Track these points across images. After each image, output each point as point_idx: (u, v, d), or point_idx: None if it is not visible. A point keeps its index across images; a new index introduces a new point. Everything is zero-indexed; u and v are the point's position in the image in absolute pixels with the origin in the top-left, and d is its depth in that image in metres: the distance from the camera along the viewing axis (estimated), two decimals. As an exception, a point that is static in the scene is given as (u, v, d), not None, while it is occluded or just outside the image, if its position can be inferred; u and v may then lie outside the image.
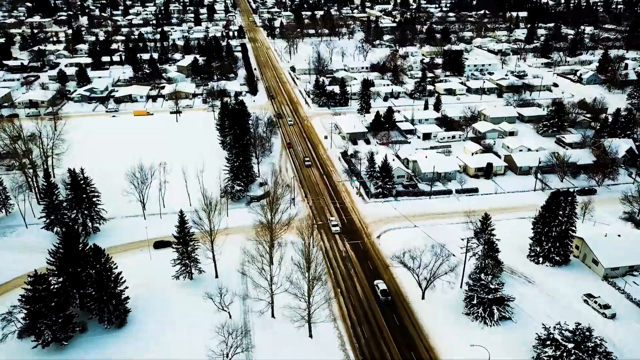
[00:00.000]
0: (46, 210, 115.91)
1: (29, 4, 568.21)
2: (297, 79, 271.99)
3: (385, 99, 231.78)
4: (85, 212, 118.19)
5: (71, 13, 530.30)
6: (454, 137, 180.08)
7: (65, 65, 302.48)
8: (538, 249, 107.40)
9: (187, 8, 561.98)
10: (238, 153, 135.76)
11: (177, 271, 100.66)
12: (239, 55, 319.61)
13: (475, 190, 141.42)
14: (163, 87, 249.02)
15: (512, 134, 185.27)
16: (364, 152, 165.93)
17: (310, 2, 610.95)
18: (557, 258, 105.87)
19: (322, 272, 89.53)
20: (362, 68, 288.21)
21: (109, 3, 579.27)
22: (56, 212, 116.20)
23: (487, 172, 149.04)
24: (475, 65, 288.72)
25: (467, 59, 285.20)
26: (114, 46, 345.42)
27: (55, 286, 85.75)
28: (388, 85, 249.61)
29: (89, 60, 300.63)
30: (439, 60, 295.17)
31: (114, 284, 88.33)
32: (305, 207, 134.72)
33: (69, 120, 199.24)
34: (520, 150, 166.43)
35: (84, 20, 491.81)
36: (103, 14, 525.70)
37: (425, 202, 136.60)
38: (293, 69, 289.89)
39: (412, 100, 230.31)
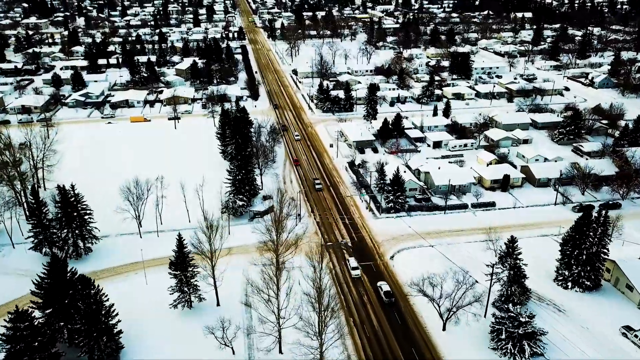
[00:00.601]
0: (34, 230, 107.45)
1: (25, 5, 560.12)
2: (300, 82, 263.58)
3: (392, 104, 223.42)
4: (77, 231, 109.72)
5: (68, 14, 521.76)
6: (465, 145, 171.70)
7: (61, 69, 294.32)
8: (566, 273, 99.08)
9: (186, 9, 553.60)
10: (240, 166, 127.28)
11: (175, 300, 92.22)
12: (239, 57, 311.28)
13: (492, 205, 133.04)
14: (161, 92, 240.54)
15: (526, 141, 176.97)
16: (372, 161, 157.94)
17: (311, 2, 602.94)
18: (588, 283, 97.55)
19: (335, 304, 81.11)
20: (367, 71, 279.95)
21: (106, 4, 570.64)
22: (45, 232, 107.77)
23: (503, 184, 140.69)
24: (482, 68, 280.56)
25: (473, 61, 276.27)
26: (111, 48, 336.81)
27: (40, 320, 77.48)
28: (394, 89, 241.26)
29: (85, 63, 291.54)
30: (445, 63, 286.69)
31: (106, 318, 79.93)
32: (313, 223, 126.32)
33: (63, 127, 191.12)
34: (537, 160, 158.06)
35: (80, 22, 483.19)
36: (100, 15, 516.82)
37: (439, 217, 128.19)
38: (295, 72, 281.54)
39: (420, 105, 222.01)
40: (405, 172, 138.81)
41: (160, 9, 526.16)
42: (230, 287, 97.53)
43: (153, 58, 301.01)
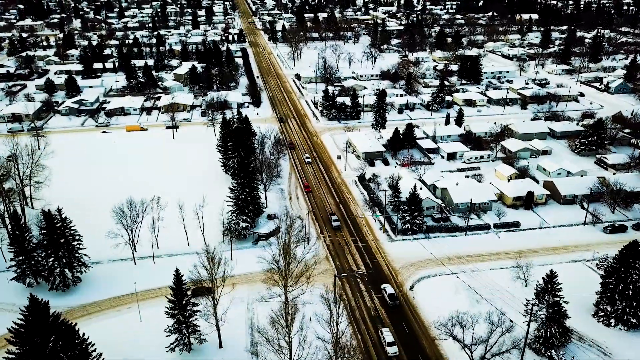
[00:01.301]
0: (16, 260, 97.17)
1: (21, 6, 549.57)
2: (303, 87, 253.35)
3: (400, 111, 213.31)
4: (64, 259, 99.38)
5: (64, 16, 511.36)
6: (482, 157, 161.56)
7: (55, 73, 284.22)
8: (609, 309, 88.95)
9: (185, 10, 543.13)
10: (243, 184, 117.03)
11: (172, 342, 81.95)
12: (240, 61, 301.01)
13: (516, 225, 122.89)
14: (159, 98, 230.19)
15: (545, 152, 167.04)
16: (383, 175, 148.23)
17: (312, 3, 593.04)
18: (634, 320, 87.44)
19: (355, 356, 70.96)
20: (372, 76, 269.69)
21: (103, 5, 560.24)
22: (29, 261, 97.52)
23: (527, 202, 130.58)
24: (492, 73, 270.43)
25: (483, 65, 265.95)
26: (108, 51, 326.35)
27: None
28: (402, 95, 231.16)
29: (80, 67, 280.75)
30: (453, 67, 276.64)
31: (92, 371, 69.72)
32: (323, 246, 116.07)
33: (55, 137, 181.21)
34: (559, 174, 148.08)
35: (77, 24, 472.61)
36: (97, 16, 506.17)
37: (460, 240, 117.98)
38: (298, 76, 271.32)
39: (430, 113, 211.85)
40: (421, 188, 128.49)
41: (159, 10, 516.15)
42: (234, 325, 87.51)
43: (150, 62, 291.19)
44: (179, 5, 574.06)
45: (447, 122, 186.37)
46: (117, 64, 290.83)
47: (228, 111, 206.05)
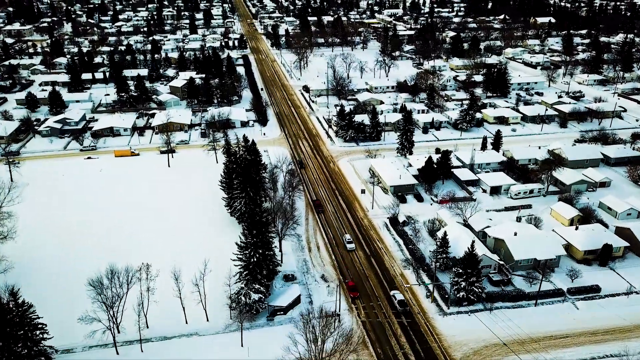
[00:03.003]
0: (-45, 361, 72.76)
1: (10, 9, 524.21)
2: (313, 102, 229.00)
3: (425, 131, 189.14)
4: (24, 354, 74.89)
5: (55, 19, 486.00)
6: (531, 191, 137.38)
7: (40, 84, 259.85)
8: None
9: (182, 13, 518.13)
10: (256, 243, 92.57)
11: None
12: (242, 70, 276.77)
13: (596, 290, 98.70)
14: (153, 115, 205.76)
15: (603, 184, 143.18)
16: (418, 214, 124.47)
17: (314, 6, 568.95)
18: None
19: None
20: (387, 87, 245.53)
21: (96, 8, 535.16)
22: (-27, 361, 73.04)
23: (603, 256, 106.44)
24: (519, 84, 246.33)
25: (510, 76, 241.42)
26: (98, 60, 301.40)
27: None
28: (425, 111, 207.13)
29: (68, 77, 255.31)
30: (476, 77, 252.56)
31: None
32: (357, 323, 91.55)
33: (31, 166, 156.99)
34: (629, 215, 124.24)
35: (68, 28, 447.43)
36: (90, 20, 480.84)
37: (529, 312, 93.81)
38: (306, 88, 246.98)
39: (460, 133, 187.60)
40: (474, 243, 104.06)
41: (154, 13, 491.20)
42: None
43: (144, 72, 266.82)
44: (175, 8, 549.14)
45: (484, 147, 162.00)
46: (107, 74, 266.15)
47: (231, 132, 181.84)
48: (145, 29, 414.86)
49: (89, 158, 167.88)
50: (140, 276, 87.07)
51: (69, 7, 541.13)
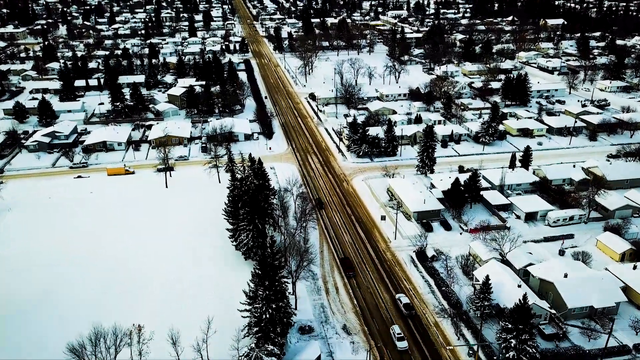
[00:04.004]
0: None
1: (5, 11, 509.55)
2: (321, 111, 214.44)
3: (444, 145, 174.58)
4: None
5: (51, 21, 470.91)
6: (571, 218, 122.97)
7: (31, 92, 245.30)
8: None
9: (181, 15, 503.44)
10: (269, 297, 77.99)
11: None
12: (244, 76, 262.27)
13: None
14: (149, 127, 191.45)
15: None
16: (447, 246, 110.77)
17: (316, 7, 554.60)
18: None
19: None
20: (399, 95, 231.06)
21: (93, 10, 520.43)
22: None
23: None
24: (538, 91, 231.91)
25: (531, 84, 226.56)
26: (93, 65, 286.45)
27: None
28: (441, 122, 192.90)
29: (60, 84, 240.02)
30: (493, 83, 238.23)
31: None
32: (389, 392, 77.09)
33: (15, 185, 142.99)
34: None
35: (63, 31, 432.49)
36: (86, 22, 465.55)
37: (592, 376, 79.34)
38: (313, 96, 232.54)
39: (482, 147, 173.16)
40: (520, 287, 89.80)
41: (153, 15, 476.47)
42: None
43: (141, 78, 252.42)
44: (174, 10, 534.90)
45: (512, 164, 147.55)
46: (102, 80, 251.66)
47: (235, 146, 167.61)
48: (143, 31, 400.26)
49: (79, 177, 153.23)
50: (130, 340, 72.34)
51: (65, 9, 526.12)
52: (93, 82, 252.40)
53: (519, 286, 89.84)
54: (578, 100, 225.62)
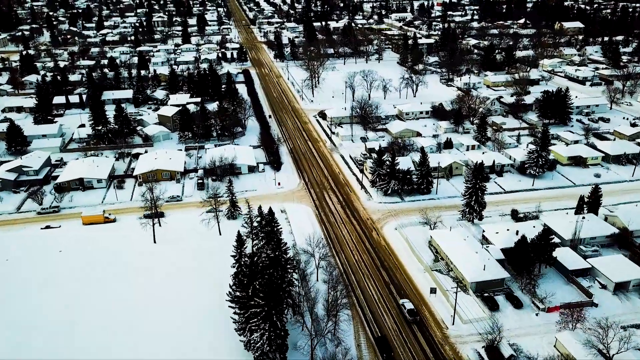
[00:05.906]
0: None
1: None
2: (334, 133, 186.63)
3: (486, 178, 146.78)
4: None
5: (35, 26, 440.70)
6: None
7: (3, 110, 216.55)
8: None
9: (174, 20, 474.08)
10: None
11: None
12: (244, 91, 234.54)
13: None
14: (136, 156, 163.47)
15: None
16: (524, 338, 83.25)
17: (316, 10, 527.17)
18: None
19: None
20: (421, 113, 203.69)
21: (80, 14, 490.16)
22: None
23: None
24: (577, 107, 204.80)
25: (572, 100, 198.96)
26: (76, 77, 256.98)
27: None
28: (475, 147, 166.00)
29: (38, 102, 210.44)
30: (524, 98, 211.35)
31: None
32: None
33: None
34: None
35: (47, 37, 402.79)
36: (72, 28, 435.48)
37: None
38: (323, 115, 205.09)
39: (531, 180, 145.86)
40: None
41: (144, 19, 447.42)
42: None
43: (129, 94, 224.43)
44: (167, 13, 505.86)
45: (580, 209, 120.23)
46: (85, 96, 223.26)
47: (237, 181, 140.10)
48: (133, 37, 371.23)
49: (47, 227, 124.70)
50: None
51: (51, 13, 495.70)
52: (74, 98, 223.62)
53: None
54: (623, 117, 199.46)
